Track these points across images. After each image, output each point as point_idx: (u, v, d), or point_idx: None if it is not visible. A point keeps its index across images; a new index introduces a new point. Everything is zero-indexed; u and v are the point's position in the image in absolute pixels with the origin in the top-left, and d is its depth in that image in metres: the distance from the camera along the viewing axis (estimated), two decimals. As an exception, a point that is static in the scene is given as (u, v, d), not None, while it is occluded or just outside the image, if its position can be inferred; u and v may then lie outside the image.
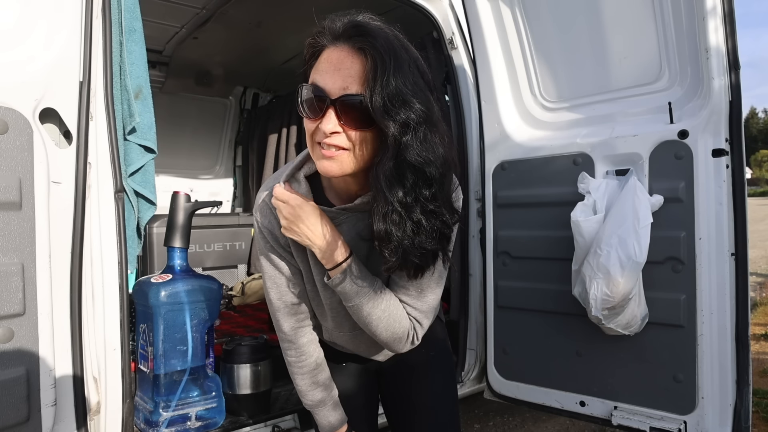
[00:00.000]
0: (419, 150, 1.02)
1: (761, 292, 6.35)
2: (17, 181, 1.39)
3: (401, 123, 1.00)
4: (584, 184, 2.03)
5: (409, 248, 1.08)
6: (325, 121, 1.03)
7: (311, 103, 1.05)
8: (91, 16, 1.57)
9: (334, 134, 1.03)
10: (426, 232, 1.08)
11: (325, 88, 1.03)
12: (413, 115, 1.00)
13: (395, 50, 1.01)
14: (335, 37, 1.04)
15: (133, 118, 1.73)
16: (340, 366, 1.50)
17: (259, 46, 3.62)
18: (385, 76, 0.98)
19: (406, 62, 1.02)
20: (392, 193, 1.03)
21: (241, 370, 2.13)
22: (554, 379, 2.20)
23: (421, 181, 1.05)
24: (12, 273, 1.38)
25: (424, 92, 1.04)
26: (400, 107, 0.99)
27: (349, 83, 1.01)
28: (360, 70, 1.01)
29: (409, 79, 1.01)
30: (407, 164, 1.02)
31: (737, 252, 1.79)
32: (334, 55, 1.03)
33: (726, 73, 1.76)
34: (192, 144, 4.56)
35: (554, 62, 2.24)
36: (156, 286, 1.96)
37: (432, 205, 1.08)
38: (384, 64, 0.98)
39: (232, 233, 4.16)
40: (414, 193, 1.05)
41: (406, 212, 1.05)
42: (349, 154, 1.06)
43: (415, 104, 1.00)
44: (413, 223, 1.06)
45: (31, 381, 1.42)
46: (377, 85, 0.98)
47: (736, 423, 1.79)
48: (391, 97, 0.98)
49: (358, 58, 1.01)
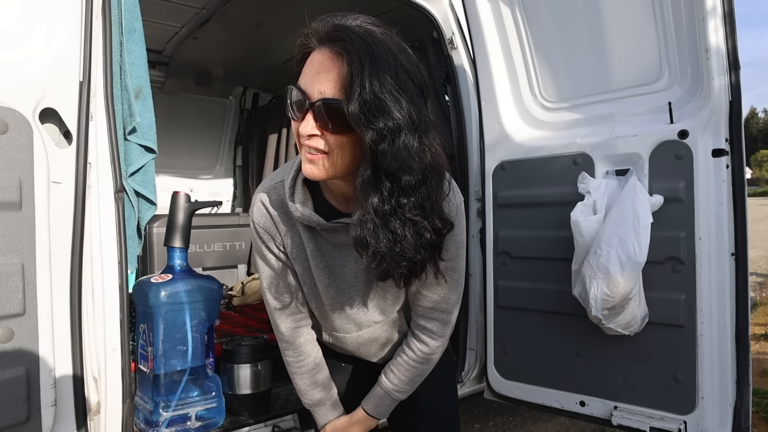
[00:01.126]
0: (395, 157, 0.98)
1: (761, 292, 6.35)
2: (17, 181, 1.39)
3: (378, 130, 0.96)
4: (584, 184, 2.03)
5: (388, 257, 1.05)
6: (303, 123, 1.03)
7: (295, 106, 1.05)
8: (91, 16, 1.57)
9: (313, 137, 1.03)
10: (407, 241, 1.04)
11: (306, 91, 1.02)
12: (391, 123, 0.96)
13: (375, 54, 0.97)
14: (319, 40, 1.03)
15: (133, 118, 1.73)
16: (339, 366, 1.50)
17: (259, 46, 3.61)
18: (360, 81, 0.95)
19: (387, 67, 0.97)
20: (367, 200, 1.01)
21: (241, 370, 2.13)
22: (554, 379, 2.20)
23: (398, 190, 1.01)
24: (12, 273, 1.38)
25: (411, 97, 0.99)
26: (378, 114, 0.96)
27: (326, 87, 0.99)
28: (338, 75, 0.99)
29: (389, 85, 0.97)
30: (384, 172, 0.99)
31: (737, 252, 1.79)
32: (317, 59, 1.02)
33: (726, 73, 1.76)
34: (192, 144, 4.55)
35: (554, 62, 2.23)
36: (156, 286, 1.96)
37: (412, 214, 1.03)
38: (361, 68, 0.95)
39: (232, 233, 4.16)
40: (391, 201, 1.01)
41: (381, 221, 1.02)
42: (328, 158, 1.05)
43: (393, 111, 0.96)
44: (389, 232, 1.02)
45: (31, 381, 1.42)
46: (353, 91, 0.96)
47: (736, 423, 1.79)
48: (368, 103, 0.95)
49: (338, 63, 0.99)
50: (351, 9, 1.07)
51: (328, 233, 1.22)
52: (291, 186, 1.21)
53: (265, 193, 1.26)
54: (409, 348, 1.36)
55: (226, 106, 4.68)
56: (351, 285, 1.28)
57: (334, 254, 1.26)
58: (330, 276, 1.27)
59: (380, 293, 1.30)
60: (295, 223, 1.24)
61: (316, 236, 1.24)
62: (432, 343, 1.34)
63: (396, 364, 1.37)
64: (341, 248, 1.25)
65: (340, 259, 1.26)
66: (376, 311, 1.33)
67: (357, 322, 1.34)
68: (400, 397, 1.38)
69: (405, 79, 1.00)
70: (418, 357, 1.35)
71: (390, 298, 1.32)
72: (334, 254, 1.26)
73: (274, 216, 1.25)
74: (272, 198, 1.25)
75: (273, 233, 1.27)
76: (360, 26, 1.02)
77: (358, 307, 1.32)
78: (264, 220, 1.26)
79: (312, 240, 1.25)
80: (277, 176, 1.28)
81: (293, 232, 1.26)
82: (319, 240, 1.25)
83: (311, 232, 1.24)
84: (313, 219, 1.18)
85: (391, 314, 1.36)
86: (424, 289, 1.30)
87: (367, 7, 1.08)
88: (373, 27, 1.03)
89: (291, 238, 1.26)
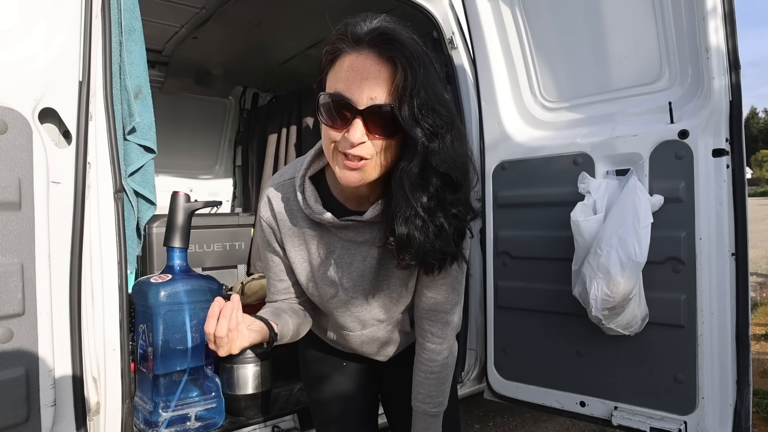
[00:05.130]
0: (445, 155, 1.03)
1: (761, 292, 6.35)
2: (17, 181, 1.39)
3: (429, 130, 1.00)
4: (584, 184, 2.03)
5: (430, 252, 1.11)
6: (351, 131, 1.01)
7: (335, 113, 1.02)
8: (91, 15, 1.57)
9: (360, 144, 1.02)
10: (447, 235, 1.11)
11: (351, 98, 1.00)
12: (440, 121, 1.01)
13: (423, 58, 1.00)
14: (357, 42, 1.00)
15: (132, 117, 1.72)
16: (340, 366, 1.50)
17: (259, 46, 3.61)
18: (416, 86, 0.97)
19: (431, 69, 1.02)
20: (416, 198, 1.05)
21: (241, 370, 2.13)
22: (554, 379, 2.20)
23: (446, 186, 1.07)
24: (11, 273, 1.38)
25: (447, 99, 1.05)
26: (428, 115, 0.99)
27: (377, 93, 0.99)
28: (388, 79, 0.99)
29: (436, 86, 1.01)
30: (433, 170, 1.04)
31: (737, 252, 1.79)
32: (358, 63, 0.99)
33: (726, 73, 1.76)
34: (192, 144, 4.55)
35: (554, 62, 2.23)
36: (155, 286, 1.96)
37: (455, 209, 1.10)
38: (415, 74, 0.97)
39: (232, 233, 4.16)
40: (438, 197, 1.07)
41: (429, 216, 1.07)
42: (372, 163, 1.05)
43: (441, 110, 1.01)
44: (435, 227, 1.09)
45: (30, 381, 1.42)
46: (407, 95, 0.97)
47: (737, 423, 1.79)
48: (421, 106, 0.98)
49: (386, 67, 0.99)
50: (351, 9, 1.07)
51: (338, 230, 1.23)
52: (301, 184, 1.21)
53: (273, 190, 1.27)
54: (420, 362, 1.36)
55: (226, 106, 4.68)
56: (357, 284, 1.28)
57: (342, 253, 1.26)
58: (336, 274, 1.27)
59: (386, 293, 1.31)
60: (299, 221, 1.25)
61: (325, 233, 1.25)
62: (437, 348, 1.33)
63: (416, 384, 1.37)
64: (349, 246, 1.25)
65: (347, 258, 1.26)
66: (381, 311, 1.34)
67: (361, 320, 1.35)
68: (439, 410, 1.37)
69: (440, 77, 1.05)
70: (431, 367, 1.34)
71: (395, 297, 1.32)
72: (342, 253, 1.26)
73: (279, 213, 1.26)
74: (279, 196, 1.26)
75: (274, 227, 1.28)
76: (395, 27, 1.01)
77: (362, 306, 1.32)
78: (268, 213, 1.27)
79: (319, 238, 1.25)
80: (286, 173, 1.28)
81: (298, 231, 1.26)
82: (328, 237, 1.25)
83: (319, 230, 1.24)
84: (325, 217, 1.19)
85: (395, 314, 1.36)
86: (427, 290, 1.30)
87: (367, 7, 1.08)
88: (401, 27, 1.03)
89: (294, 237, 1.26)
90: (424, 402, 1.36)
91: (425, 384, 1.35)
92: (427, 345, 1.34)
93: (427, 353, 1.34)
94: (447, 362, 1.36)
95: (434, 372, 1.34)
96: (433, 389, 1.35)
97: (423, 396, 1.36)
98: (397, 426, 1.56)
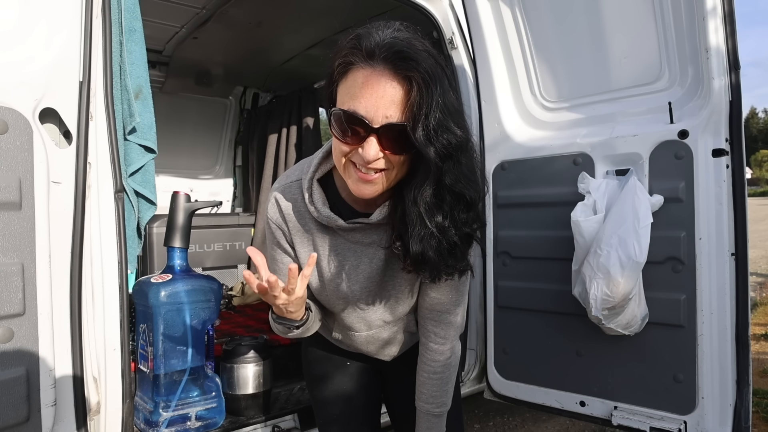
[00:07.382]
0: (459, 175, 1.03)
1: (761, 292, 6.35)
2: (17, 181, 1.39)
3: (443, 151, 0.99)
4: (584, 184, 2.03)
5: (443, 269, 1.13)
6: (366, 148, 1.00)
7: (348, 129, 1.02)
8: (91, 16, 1.57)
9: (376, 160, 1.02)
10: (460, 251, 1.13)
11: (366, 116, 0.98)
12: (454, 141, 1.00)
13: (439, 76, 0.98)
14: (370, 56, 0.97)
15: (133, 118, 1.73)
16: (343, 365, 1.51)
17: (259, 46, 3.61)
18: (431, 105, 0.96)
19: (446, 83, 1.00)
20: (432, 218, 1.06)
21: (241, 370, 2.13)
22: (554, 379, 2.20)
23: (459, 205, 1.07)
24: (12, 273, 1.38)
25: (461, 111, 1.04)
26: (443, 133, 0.98)
27: (392, 111, 0.98)
28: (403, 98, 0.97)
29: (451, 103, 0.99)
30: (447, 189, 1.04)
31: (737, 252, 1.79)
32: (373, 80, 0.97)
33: (726, 73, 1.76)
34: (192, 144, 4.56)
35: (554, 62, 2.23)
36: (156, 286, 1.96)
37: (468, 228, 1.11)
38: (431, 94, 0.96)
39: (232, 233, 4.16)
40: (452, 216, 1.08)
41: (443, 236, 1.08)
42: (385, 176, 1.06)
43: (455, 129, 1.00)
44: (449, 245, 1.10)
45: (30, 381, 1.42)
46: (422, 114, 0.96)
47: (736, 423, 1.79)
48: (436, 127, 0.97)
49: (401, 85, 0.97)
50: (351, 9, 1.07)
51: (345, 232, 1.23)
52: (308, 187, 1.21)
53: (280, 192, 1.27)
54: (423, 362, 1.36)
55: (226, 106, 4.68)
56: (364, 285, 1.28)
57: (349, 255, 1.26)
58: (343, 276, 1.28)
59: (392, 294, 1.31)
60: (307, 222, 1.25)
61: (332, 235, 1.25)
62: (440, 348, 1.34)
63: (419, 384, 1.38)
64: (356, 248, 1.25)
65: (354, 260, 1.26)
66: (387, 311, 1.34)
67: (367, 321, 1.35)
68: (442, 410, 1.38)
69: (454, 87, 1.04)
70: (433, 367, 1.35)
71: (401, 298, 1.32)
72: (349, 255, 1.26)
73: (287, 215, 1.26)
74: (287, 197, 1.26)
75: (283, 227, 1.28)
76: (409, 41, 0.98)
77: (369, 306, 1.32)
78: (275, 213, 1.27)
79: (327, 239, 1.25)
80: (293, 175, 1.28)
81: (306, 231, 1.26)
82: (335, 239, 1.25)
83: (326, 232, 1.25)
84: (332, 220, 1.19)
85: (401, 315, 1.37)
86: (430, 290, 1.30)
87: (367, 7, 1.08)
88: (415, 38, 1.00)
89: (303, 237, 1.27)
90: (427, 402, 1.36)
91: (428, 384, 1.35)
92: (430, 345, 1.34)
93: (430, 353, 1.34)
94: (450, 362, 1.36)
95: (437, 372, 1.34)
96: (437, 389, 1.35)
97: (426, 396, 1.36)
98: (401, 426, 1.56)
